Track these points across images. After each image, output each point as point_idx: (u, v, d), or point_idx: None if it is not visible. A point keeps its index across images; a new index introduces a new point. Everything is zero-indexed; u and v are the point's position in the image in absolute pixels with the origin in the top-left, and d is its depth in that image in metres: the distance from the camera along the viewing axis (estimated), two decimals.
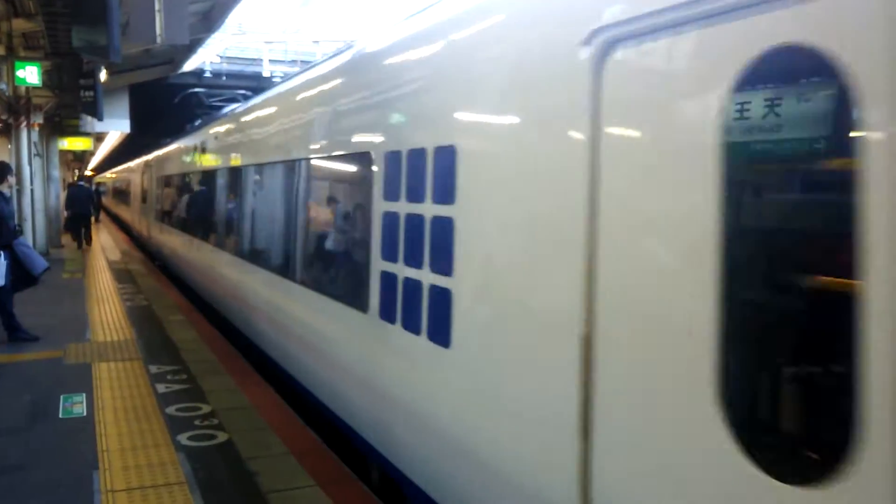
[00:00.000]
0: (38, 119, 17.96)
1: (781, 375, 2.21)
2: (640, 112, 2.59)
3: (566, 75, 2.94)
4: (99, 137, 30.49)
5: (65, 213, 25.15)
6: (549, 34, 3.12)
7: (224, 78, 24.76)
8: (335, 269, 5.90)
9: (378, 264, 4.63)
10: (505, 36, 3.52)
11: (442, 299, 3.81)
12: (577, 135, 2.85)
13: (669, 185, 2.47)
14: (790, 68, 2.12)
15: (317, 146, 6.05)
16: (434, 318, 3.90)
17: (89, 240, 23.09)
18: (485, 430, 3.44)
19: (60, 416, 6.21)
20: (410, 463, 4.31)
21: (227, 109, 12.03)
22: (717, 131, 2.27)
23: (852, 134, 1.92)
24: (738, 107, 2.22)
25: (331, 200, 6.23)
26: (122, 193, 34.62)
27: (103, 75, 14.14)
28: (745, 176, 2.29)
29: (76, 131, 23.15)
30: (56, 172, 24.13)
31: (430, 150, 3.96)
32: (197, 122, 14.85)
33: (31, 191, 18.09)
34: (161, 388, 7.01)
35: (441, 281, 3.83)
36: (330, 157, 5.81)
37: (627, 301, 2.61)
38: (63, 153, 27.17)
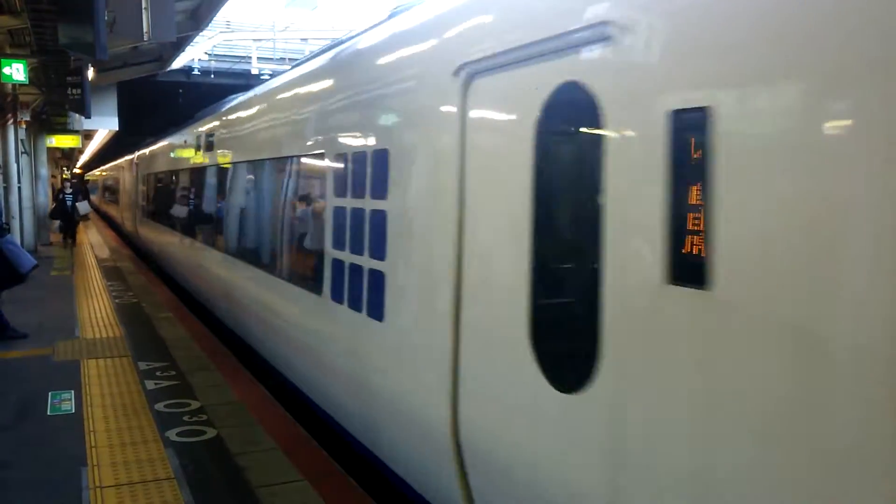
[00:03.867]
0: (26, 116, 17.85)
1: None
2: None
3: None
4: (87, 135, 30.32)
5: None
6: None
7: (212, 76, 24.70)
8: None
9: None
10: None
11: None
12: None
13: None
14: None
15: None
16: None
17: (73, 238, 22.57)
18: None
19: (49, 413, 6.21)
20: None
21: None
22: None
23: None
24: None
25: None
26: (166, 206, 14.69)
27: (91, 73, 14.08)
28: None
29: (64, 129, 23.04)
30: (44, 170, 23.99)
31: None
32: None
33: (19, 188, 17.99)
34: (150, 384, 7.01)
35: None
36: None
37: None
38: (51, 150, 27.00)
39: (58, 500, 4.58)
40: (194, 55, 23.46)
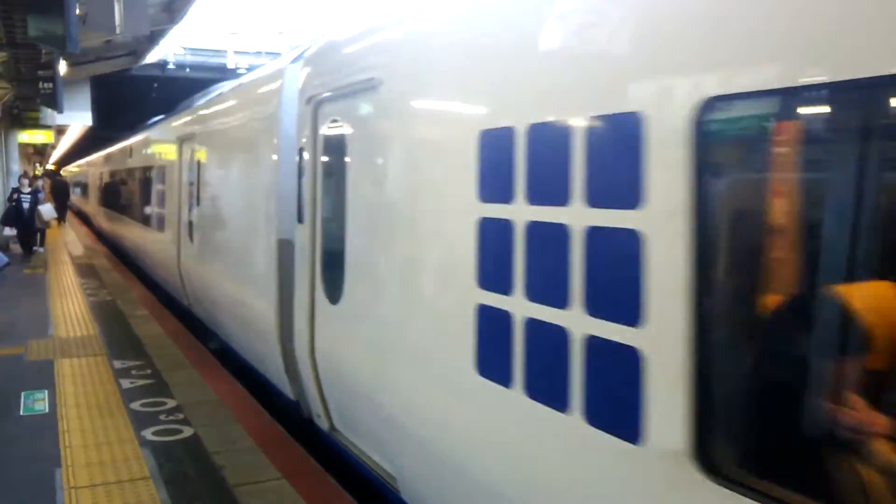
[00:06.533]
0: None
1: None
2: None
3: None
4: (60, 130, 29.84)
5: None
6: None
7: (188, 70, 24.42)
8: None
9: None
10: None
11: None
12: None
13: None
14: None
15: None
16: None
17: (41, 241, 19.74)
18: None
19: (21, 413, 6.11)
20: None
21: None
22: None
23: None
24: None
25: None
26: None
27: (63, 66, 13.84)
28: None
29: (36, 124, 22.62)
30: (16, 166, 23.59)
31: None
32: None
33: None
34: (125, 383, 6.93)
35: None
36: None
37: None
38: (23, 146, 26.57)
39: (31, 501, 4.50)
40: (170, 49, 23.14)
